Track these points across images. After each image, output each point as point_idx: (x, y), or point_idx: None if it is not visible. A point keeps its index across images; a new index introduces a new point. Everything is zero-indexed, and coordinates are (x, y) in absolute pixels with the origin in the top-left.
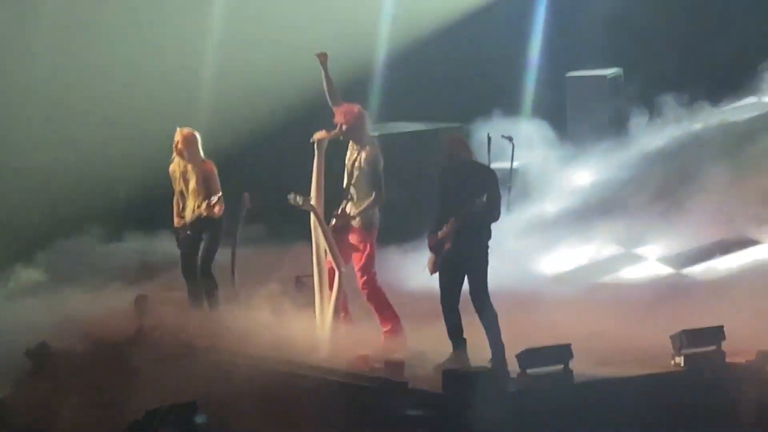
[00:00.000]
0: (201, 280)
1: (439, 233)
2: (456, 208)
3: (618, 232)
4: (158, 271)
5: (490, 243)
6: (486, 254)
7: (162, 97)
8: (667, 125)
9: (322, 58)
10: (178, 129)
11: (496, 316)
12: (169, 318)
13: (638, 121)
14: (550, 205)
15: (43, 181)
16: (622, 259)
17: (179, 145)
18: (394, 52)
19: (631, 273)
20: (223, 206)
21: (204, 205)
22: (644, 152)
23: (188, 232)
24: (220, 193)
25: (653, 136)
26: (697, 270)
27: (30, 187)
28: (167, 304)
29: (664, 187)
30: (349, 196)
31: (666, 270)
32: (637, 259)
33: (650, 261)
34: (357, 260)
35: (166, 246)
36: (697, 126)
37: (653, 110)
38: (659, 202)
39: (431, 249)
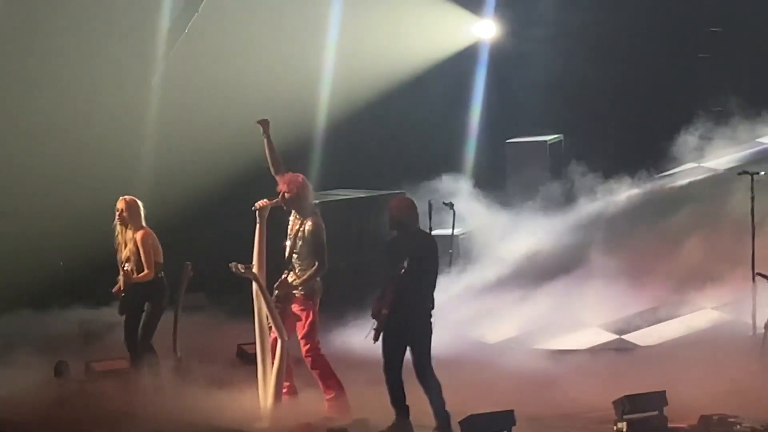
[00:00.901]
0: (141, 351)
1: (385, 298)
2: (398, 271)
3: (559, 298)
4: (100, 340)
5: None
6: (429, 323)
7: (101, 166)
8: (607, 190)
9: (264, 125)
10: (120, 197)
11: (439, 385)
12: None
13: (578, 186)
14: (491, 271)
15: None
16: (563, 324)
17: (123, 213)
18: (334, 120)
19: (573, 339)
20: (152, 273)
21: (125, 273)
22: (584, 217)
23: (130, 298)
24: (128, 268)
25: (593, 201)
26: (639, 335)
27: None
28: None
29: (604, 252)
30: (290, 266)
31: (608, 335)
32: (579, 324)
33: (592, 326)
34: (300, 328)
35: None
36: (637, 191)
37: (593, 176)
38: (600, 268)
39: (373, 316)
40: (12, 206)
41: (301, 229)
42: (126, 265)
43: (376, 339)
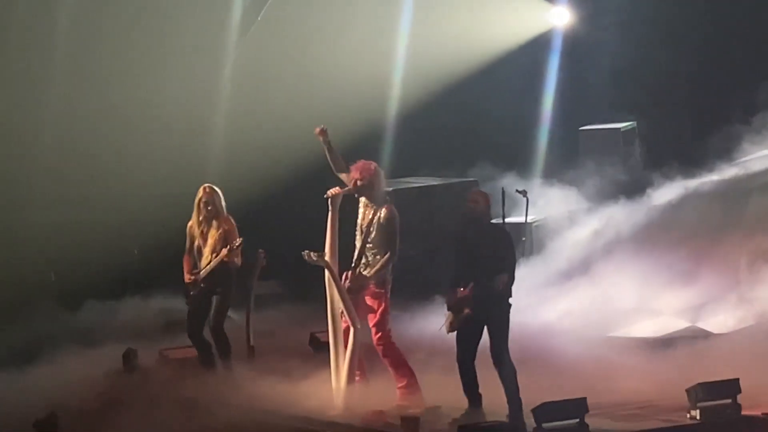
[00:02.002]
0: (214, 339)
1: (459, 293)
2: (473, 267)
3: (633, 286)
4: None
5: (511, 300)
6: (508, 312)
7: (175, 155)
8: (680, 177)
9: (322, 135)
10: (202, 186)
11: (515, 371)
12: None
13: (652, 173)
14: (563, 259)
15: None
16: (637, 312)
17: (203, 200)
18: (407, 108)
19: (647, 326)
20: (241, 259)
21: (225, 250)
22: (658, 205)
23: (201, 286)
24: (241, 240)
25: (667, 188)
26: (712, 323)
27: (36, 245)
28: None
29: (678, 240)
30: (362, 256)
31: (681, 323)
32: (653, 312)
33: (666, 314)
34: (372, 317)
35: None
36: (712, 178)
37: (667, 163)
38: (674, 255)
39: (449, 308)
40: (87, 195)
41: (375, 217)
42: (212, 255)
43: (450, 330)
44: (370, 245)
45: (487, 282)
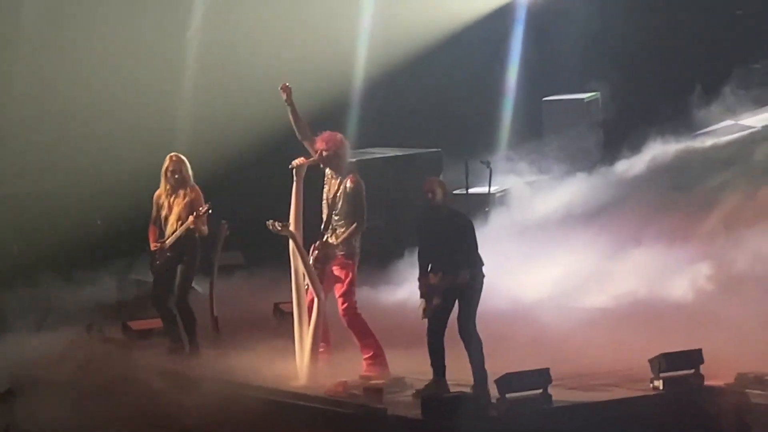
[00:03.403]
0: (178, 309)
1: (427, 282)
2: (436, 255)
3: (597, 255)
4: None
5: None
6: (481, 284)
7: (137, 124)
8: (643, 148)
9: (287, 91)
10: (169, 155)
11: (481, 343)
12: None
13: (615, 144)
14: (528, 230)
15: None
16: (601, 282)
17: (169, 169)
18: (371, 79)
19: (610, 296)
20: (206, 228)
21: (192, 217)
22: (621, 176)
23: (169, 254)
24: (209, 206)
25: (630, 159)
26: (676, 293)
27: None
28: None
29: (642, 211)
30: (329, 226)
31: (645, 293)
32: (617, 282)
33: (629, 284)
34: (338, 287)
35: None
36: (674, 148)
37: (630, 133)
38: (637, 226)
39: (422, 295)
40: (52, 165)
41: (341, 188)
42: (178, 224)
43: (424, 317)
44: (337, 217)
45: (450, 272)
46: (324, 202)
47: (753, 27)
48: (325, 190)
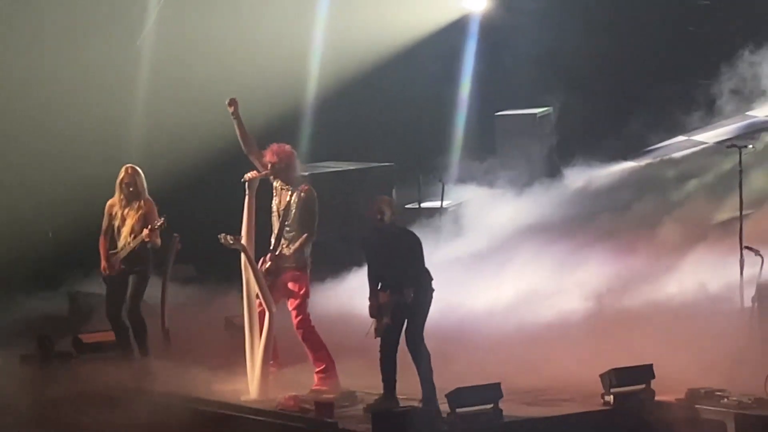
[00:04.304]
0: (130, 321)
1: (376, 302)
2: (385, 273)
3: (548, 270)
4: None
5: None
6: (430, 298)
7: (89, 135)
8: (595, 163)
9: (233, 104)
10: (124, 166)
11: (428, 356)
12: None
13: (567, 159)
14: (479, 244)
15: None
16: (552, 296)
17: (124, 181)
18: (323, 92)
19: (562, 310)
20: (160, 240)
21: (146, 230)
22: (574, 190)
23: (121, 267)
24: (164, 219)
25: (582, 173)
26: (628, 307)
27: None
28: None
29: (594, 224)
30: (280, 239)
31: (596, 308)
32: (568, 296)
33: (581, 298)
34: (292, 300)
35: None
36: (626, 164)
37: (582, 149)
38: (588, 241)
39: (372, 315)
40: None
41: (293, 199)
42: (129, 238)
43: (377, 336)
44: (288, 228)
45: (397, 290)
46: (274, 214)
47: (703, 43)
48: (275, 202)
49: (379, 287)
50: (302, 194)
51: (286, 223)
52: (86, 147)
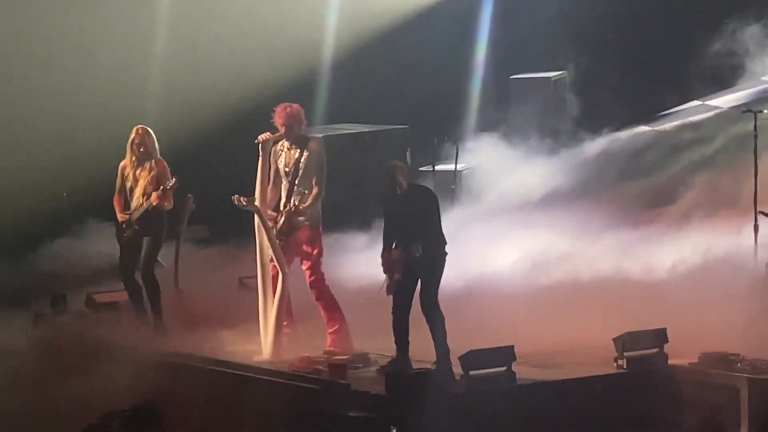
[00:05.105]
0: (144, 282)
1: (389, 258)
2: (400, 230)
3: (562, 233)
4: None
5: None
6: (443, 261)
7: (105, 97)
8: (610, 127)
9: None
10: (135, 127)
11: (443, 318)
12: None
13: (581, 123)
14: (494, 207)
15: None
16: (566, 260)
17: (135, 142)
18: (339, 55)
19: (576, 274)
20: (172, 202)
21: (155, 194)
22: (588, 154)
23: (135, 227)
24: (175, 181)
25: (596, 138)
26: (642, 271)
27: None
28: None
29: (607, 189)
30: (290, 198)
31: (610, 272)
32: (582, 260)
33: (595, 262)
34: (306, 261)
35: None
36: (640, 128)
37: (596, 113)
38: (603, 205)
39: (384, 270)
40: (16, 138)
41: (302, 156)
42: (141, 199)
43: (389, 293)
44: (298, 186)
45: (410, 246)
46: (282, 175)
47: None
48: (281, 163)
49: (393, 246)
50: (311, 149)
51: (295, 180)
52: (101, 109)
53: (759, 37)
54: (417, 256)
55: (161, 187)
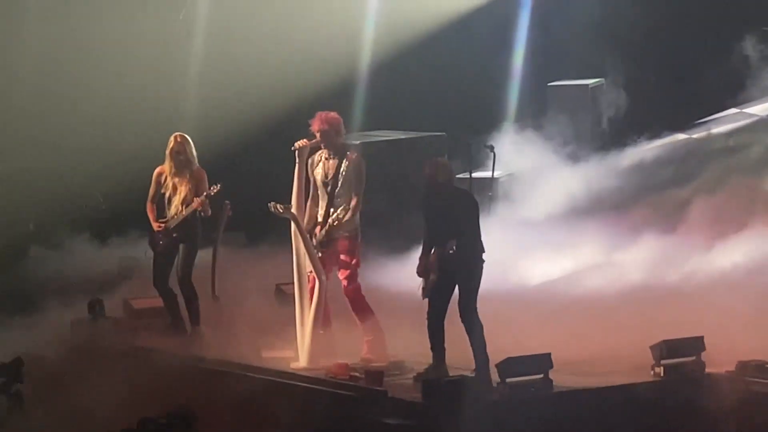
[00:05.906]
0: (182, 289)
1: (426, 260)
2: (439, 232)
3: (599, 242)
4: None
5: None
6: (480, 269)
7: (144, 104)
8: (647, 135)
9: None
10: (174, 134)
11: (481, 326)
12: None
13: (619, 131)
14: (531, 215)
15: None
16: (603, 268)
17: (174, 150)
18: (377, 61)
19: (613, 282)
20: (209, 209)
21: (197, 200)
22: (626, 162)
23: (173, 235)
24: (219, 186)
25: (633, 146)
26: (679, 279)
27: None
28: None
29: (644, 196)
30: (330, 208)
31: (647, 280)
32: (619, 268)
33: (632, 270)
34: (343, 270)
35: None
36: (677, 136)
37: (634, 120)
38: (640, 214)
39: (419, 274)
40: (55, 142)
41: (342, 166)
42: (181, 206)
43: (424, 296)
44: (338, 198)
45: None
46: (320, 186)
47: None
48: (319, 174)
49: (432, 251)
50: (351, 159)
51: (336, 191)
52: (139, 116)
53: None
54: (450, 253)
55: (204, 194)
